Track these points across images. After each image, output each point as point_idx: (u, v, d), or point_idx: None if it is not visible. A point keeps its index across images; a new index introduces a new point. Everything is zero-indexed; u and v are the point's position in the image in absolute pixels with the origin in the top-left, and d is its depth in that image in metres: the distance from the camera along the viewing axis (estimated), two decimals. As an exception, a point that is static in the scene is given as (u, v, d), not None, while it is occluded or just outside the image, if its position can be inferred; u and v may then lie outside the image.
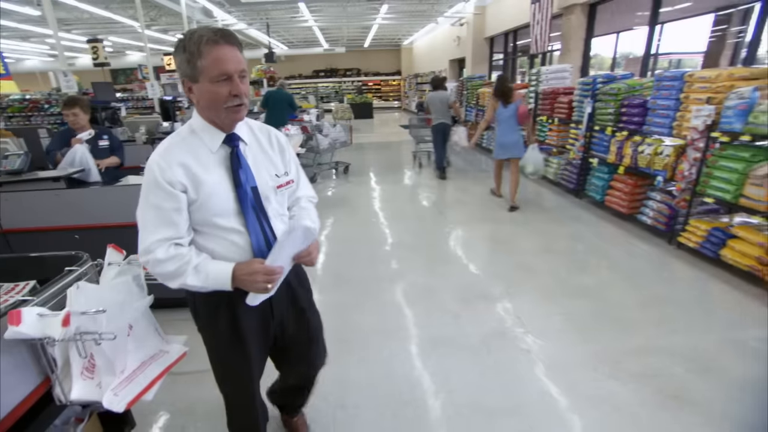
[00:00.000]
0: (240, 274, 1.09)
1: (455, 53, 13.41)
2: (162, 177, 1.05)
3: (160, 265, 1.07)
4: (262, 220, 1.17)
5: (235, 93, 1.05)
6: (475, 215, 4.82)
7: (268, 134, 1.27)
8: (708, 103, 3.21)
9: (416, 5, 10.31)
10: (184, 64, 1.03)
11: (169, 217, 1.07)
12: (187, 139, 1.12)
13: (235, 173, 1.13)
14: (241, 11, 9.72)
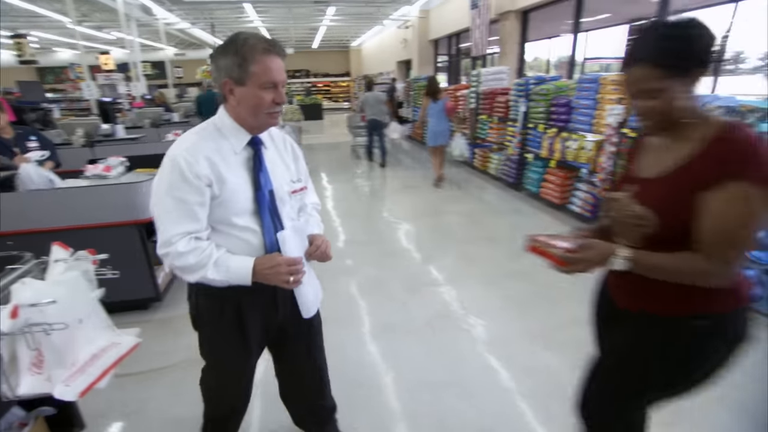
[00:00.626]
0: (261, 269, 1.12)
1: (402, 55, 13.75)
2: (189, 170, 1.06)
3: (181, 258, 1.09)
4: (277, 222, 1.21)
5: (278, 101, 1.11)
6: (418, 208, 5.05)
7: (283, 140, 1.31)
8: (619, 104, 3.63)
9: (362, 7, 10.48)
10: (233, 66, 1.05)
11: (193, 210, 1.08)
12: (213, 135, 1.15)
13: (256, 175, 1.17)
14: (184, 10, 9.37)
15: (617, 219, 1.05)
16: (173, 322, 2.63)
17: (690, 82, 0.90)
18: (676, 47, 0.87)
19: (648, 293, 1.01)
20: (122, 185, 2.41)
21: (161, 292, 2.70)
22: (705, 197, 0.88)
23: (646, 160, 1.06)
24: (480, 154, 6.66)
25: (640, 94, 0.92)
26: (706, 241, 0.89)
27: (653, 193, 0.97)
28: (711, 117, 0.95)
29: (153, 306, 2.75)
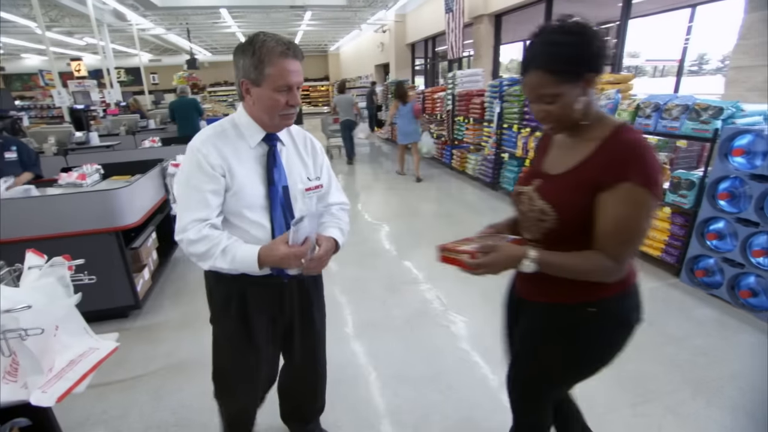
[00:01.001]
0: (265, 258, 1.12)
1: (380, 59, 13.86)
2: (205, 160, 1.12)
3: (192, 246, 1.13)
4: (289, 218, 1.23)
5: (292, 103, 1.13)
6: (399, 208, 5.11)
7: (304, 138, 1.33)
8: (587, 103, 3.78)
9: (339, 12, 10.53)
10: (250, 67, 1.08)
11: (206, 199, 1.13)
12: (228, 131, 1.19)
13: (270, 171, 1.19)
14: (159, 15, 9.23)
15: (523, 212, 1.09)
16: (153, 329, 2.61)
17: (584, 85, 0.93)
18: (566, 53, 0.90)
19: (543, 284, 1.05)
20: (99, 192, 2.38)
21: (140, 300, 2.68)
22: (601, 198, 0.93)
23: (553, 157, 1.10)
24: (458, 155, 6.78)
25: (538, 99, 0.96)
26: (603, 241, 0.94)
27: (554, 189, 1.01)
28: (606, 118, 1.00)
29: (132, 314, 2.72)
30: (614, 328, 1.06)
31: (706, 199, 2.82)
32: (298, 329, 1.40)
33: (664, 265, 3.20)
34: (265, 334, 1.34)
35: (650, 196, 0.90)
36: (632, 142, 0.92)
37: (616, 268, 0.95)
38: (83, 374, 1.27)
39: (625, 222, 0.91)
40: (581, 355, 1.08)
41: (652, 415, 1.83)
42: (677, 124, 2.96)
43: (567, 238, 0.98)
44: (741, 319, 2.59)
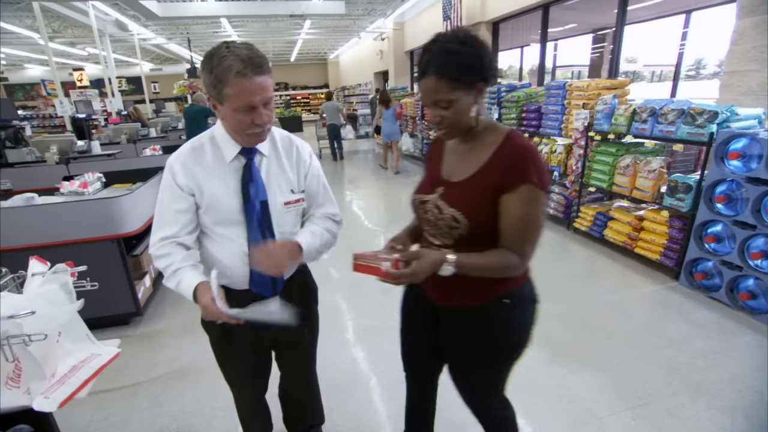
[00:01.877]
0: (198, 297, 1.07)
1: (379, 66, 13.95)
2: (174, 179, 1.12)
3: (155, 261, 1.14)
4: (267, 235, 1.18)
5: (257, 122, 1.06)
6: (394, 211, 5.14)
7: (290, 146, 1.25)
8: (584, 108, 3.82)
9: (338, 21, 10.64)
10: (210, 85, 1.03)
11: (174, 217, 1.13)
12: (205, 146, 1.16)
13: (245, 186, 1.14)
14: (160, 25, 9.33)
15: (431, 221, 1.11)
16: (154, 336, 2.62)
17: (476, 94, 0.99)
18: (461, 62, 0.95)
19: (459, 289, 1.10)
20: (100, 200, 2.41)
21: (142, 307, 2.69)
22: (503, 199, 1.00)
23: (450, 164, 1.14)
24: (458, 160, 6.81)
25: (433, 104, 1.00)
26: (509, 238, 1.01)
27: (460, 196, 1.05)
28: (496, 125, 1.07)
29: (134, 321, 2.74)
30: (527, 309, 1.17)
31: (704, 203, 2.83)
32: (284, 345, 1.37)
33: (663, 268, 3.21)
34: (248, 346, 1.30)
35: (544, 194, 1.00)
36: (526, 148, 1.01)
37: (522, 263, 1.03)
38: (85, 380, 1.29)
39: (528, 220, 1.00)
40: (513, 339, 1.17)
41: (652, 418, 1.83)
42: (673, 129, 2.99)
43: (477, 241, 1.03)
44: (740, 321, 2.59)
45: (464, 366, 1.24)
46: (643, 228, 3.34)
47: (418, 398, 1.50)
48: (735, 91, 3.37)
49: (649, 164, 3.22)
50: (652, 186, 3.19)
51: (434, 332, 1.27)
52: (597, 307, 2.79)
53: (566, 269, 3.47)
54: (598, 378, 2.10)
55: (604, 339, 2.44)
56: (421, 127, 8.32)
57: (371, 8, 9.61)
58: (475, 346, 1.18)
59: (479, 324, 1.15)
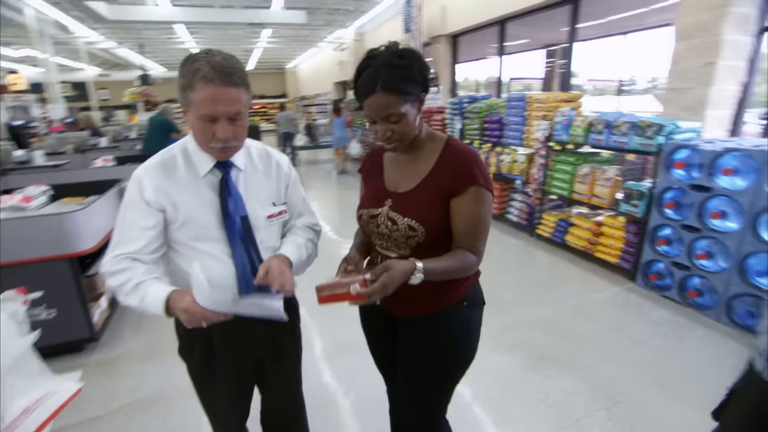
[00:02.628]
0: (173, 305, 0.96)
1: (339, 76, 13.97)
2: (141, 195, 1.03)
3: (110, 278, 1.02)
4: (252, 251, 1.11)
5: (219, 137, 0.98)
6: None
7: (267, 158, 1.20)
8: (544, 119, 4.01)
9: (298, 30, 10.56)
10: (180, 89, 0.97)
11: (140, 233, 1.03)
12: (177, 157, 1.08)
13: (224, 201, 1.07)
14: (109, 29, 8.75)
15: (385, 234, 1.11)
16: (113, 363, 2.42)
17: (419, 104, 1.03)
18: (406, 75, 0.97)
19: (426, 298, 1.11)
20: (52, 216, 2.20)
21: (97, 332, 2.48)
22: (454, 202, 1.04)
23: (393, 175, 1.16)
24: (422, 170, 6.93)
25: (384, 119, 1.00)
26: (463, 239, 1.05)
27: (412, 205, 1.07)
28: (434, 133, 1.12)
29: (88, 347, 2.51)
30: (479, 310, 1.21)
31: (655, 208, 3.05)
32: (270, 365, 1.28)
33: (622, 270, 3.40)
34: (232, 369, 1.21)
35: (490, 194, 1.06)
36: (468, 152, 1.06)
37: (477, 260, 1.08)
38: (41, 423, 1.15)
39: (479, 219, 1.05)
40: (471, 341, 1.20)
41: (625, 417, 1.92)
42: (626, 140, 3.20)
43: (433, 246, 1.06)
44: (691, 317, 2.80)
45: (417, 376, 1.21)
46: (602, 233, 3.54)
47: (397, 404, 1.47)
48: (676, 106, 3.67)
49: (605, 173, 3.42)
50: (608, 193, 3.39)
51: (395, 341, 1.26)
52: (564, 311, 2.91)
53: (532, 276, 3.59)
54: (573, 381, 2.17)
55: (574, 342, 2.54)
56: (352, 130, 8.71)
57: (331, 19, 9.63)
58: (433, 354, 1.17)
59: (442, 328, 1.15)
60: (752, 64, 3.40)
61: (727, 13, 3.17)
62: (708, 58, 3.31)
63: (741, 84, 3.45)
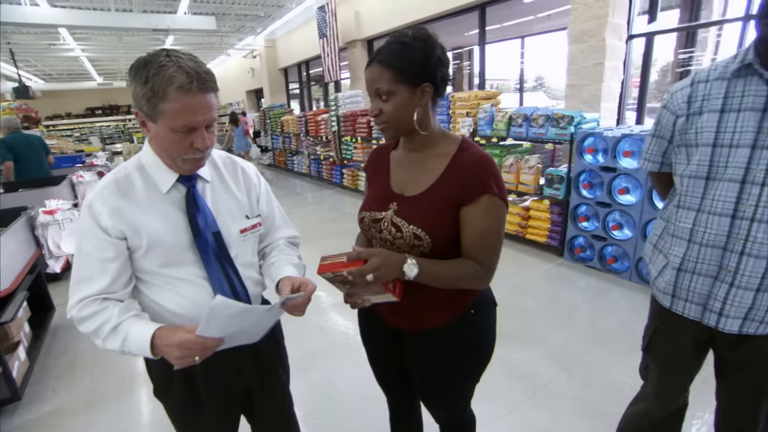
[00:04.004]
0: (160, 343, 0.87)
1: (251, 84, 13.45)
2: (96, 222, 0.90)
3: (81, 324, 0.91)
4: (228, 270, 1.03)
5: (198, 146, 0.91)
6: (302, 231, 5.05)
7: (233, 167, 1.11)
8: (467, 116, 4.31)
9: (205, 37, 9.93)
10: (142, 98, 0.86)
11: (102, 267, 0.91)
12: (132, 176, 0.96)
13: (192, 218, 0.97)
14: None
15: (389, 240, 1.05)
16: (45, 422, 2.06)
17: (420, 95, 0.96)
18: (406, 53, 0.93)
19: (432, 311, 1.08)
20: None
21: (19, 388, 2.11)
22: (465, 212, 0.97)
23: (400, 177, 1.09)
24: (349, 173, 6.97)
25: (374, 93, 0.97)
26: (473, 251, 0.98)
27: (419, 211, 1.00)
28: (448, 134, 1.05)
29: (7, 409, 2.11)
30: (491, 314, 1.17)
31: (574, 190, 3.47)
32: (258, 392, 1.18)
33: (551, 248, 3.81)
34: (218, 403, 1.11)
35: (504, 204, 0.99)
36: (483, 157, 0.98)
37: (488, 275, 1.01)
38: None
39: (491, 231, 0.98)
40: (485, 344, 1.16)
41: (581, 374, 2.17)
42: (543, 131, 3.59)
43: (440, 257, 0.99)
44: (611, 281, 3.24)
45: (438, 384, 1.18)
46: (530, 216, 3.92)
47: (401, 414, 1.47)
48: (575, 100, 4.19)
49: (528, 162, 3.80)
50: (533, 180, 3.77)
51: (399, 353, 1.23)
52: (508, 291, 3.16)
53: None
54: (533, 351, 2.39)
55: (524, 317, 2.78)
56: (307, 143, 8.32)
57: (240, 25, 9.22)
58: (448, 363, 1.13)
59: (450, 340, 1.11)
60: (626, 65, 4.04)
61: (606, 22, 3.72)
62: (597, 59, 3.85)
63: (621, 81, 4.07)
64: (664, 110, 1.13)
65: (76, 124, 17.21)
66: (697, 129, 1.04)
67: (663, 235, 1.21)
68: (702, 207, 1.06)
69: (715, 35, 4.23)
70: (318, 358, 2.47)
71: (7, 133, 4.75)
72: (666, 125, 1.13)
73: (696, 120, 1.04)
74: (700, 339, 1.17)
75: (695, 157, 1.05)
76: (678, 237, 1.13)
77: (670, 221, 1.17)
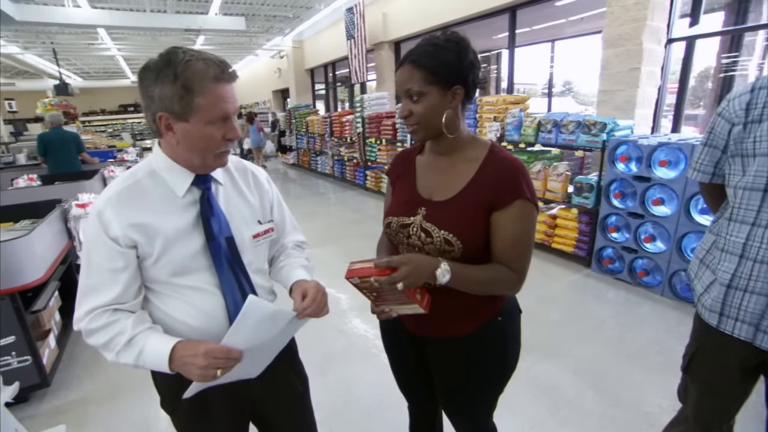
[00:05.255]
0: (182, 355, 0.85)
1: (278, 84, 13.66)
2: (105, 231, 0.87)
3: (91, 336, 0.89)
4: (241, 277, 0.99)
5: (230, 137, 0.90)
6: (322, 233, 5.05)
7: (245, 172, 1.08)
8: (495, 121, 4.23)
9: (234, 37, 10.15)
10: (173, 97, 0.83)
11: (112, 277, 0.89)
12: (143, 181, 0.92)
13: (207, 222, 0.94)
14: (11, 31, 7.63)
15: (417, 246, 1.03)
16: (70, 410, 2.12)
17: (451, 98, 0.95)
18: (438, 54, 0.92)
19: (458, 317, 1.06)
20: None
21: (48, 374, 2.17)
22: (496, 217, 0.96)
23: (428, 181, 1.07)
24: (372, 175, 6.97)
25: (405, 94, 0.96)
26: (504, 256, 0.97)
27: (449, 216, 0.99)
28: (477, 138, 1.04)
29: (36, 395, 2.18)
30: (516, 321, 1.15)
31: (604, 199, 3.34)
32: (270, 402, 1.13)
33: (577, 258, 3.68)
34: (228, 411, 1.07)
35: (536, 209, 0.98)
36: (514, 162, 0.97)
37: (519, 280, 0.99)
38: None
39: (523, 236, 0.97)
40: (510, 353, 1.13)
41: (609, 391, 2.07)
42: (574, 137, 3.48)
43: (470, 261, 0.98)
44: (641, 295, 3.10)
45: (462, 392, 1.16)
46: (557, 225, 3.80)
47: (422, 423, 1.44)
48: (608, 106, 4.05)
49: (556, 168, 3.69)
50: (561, 187, 3.66)
51: (422, 360, 1.20)
52: (532, 300, 3.07)
53: (497, 269, 3.76)
54: (557, 365, 2.30)
55: (548, 329, 2.69)
56: (331, 144, 8.37)
57: (269, 26, 9.38)
58: (473, 370, 1.11)
59: (476, 347, 1.09)
60: (663, 70, 3.88)
61: (645, 25, 3.58)
62: (633, 64, 3.71)
63: (657, 87, 3.91)
64: (719, 118, 1.06)
65: (109, 120, 17.93)
66: (755, 138, 0.97)
67: (711, 249, 1.14)
68: (758, 221, 0.99)
69: (764, 39, 4.01)
70: (336, 360, 2.45)
71: (50, 128, 5.01)
72: (720, 134, 1.06)
73: (755, 128, 0.97)
74: (750, 363, 1.09)
75: (752, 167, 0.98)
76: (729, 252, 1.06)
77: (720, 235, 1.10)
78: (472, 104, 4.59)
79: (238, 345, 0.85)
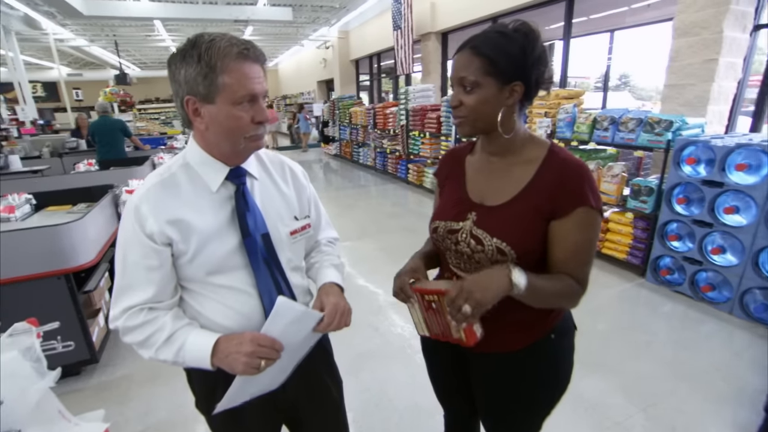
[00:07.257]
0: (227, 346, 0.84)
1: (323, 75, 13.79)
2: (140, 228, 0.84)
3: (128, 334, 0.88)
4: (277, 275, 0.95)
5: (259, 119, 0.86)
6: (362, 226, 5.02)
7: (281, 166, 1.05)
8: (546, 116, 3.99)
9: (281, 28, 10.32)
10: (197, 77, 0.80)
11: (147, 276, 0.86)
12: (177, 176, 0.90)
13: (242, 218, 0.90)
14: (80, 25, 8.22)
15: (466, 254, 0.95)
16: (116, 386, 2.23)
17: (509, 94, 0.87)
18: (503, 43, 0.84)
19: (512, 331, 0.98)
20: (45, 228, 2.00)
21: (97, 351, 2.29)
22: (557, 225, 0.88)
23: (479, 184, 0.99)
24: (414, 169, 6.85)
25: (459, 81, 0.89)
26: (566, 266, 0.89)
27: (503, 223, 0.91)
28: (536, 138, 0.95)
29: (86, 370, 2.32)
30: (571, 338, 1.07)
31: (665, 204, 3.06)
32: (305, 405, 1.10)
33: (630, 266, 3.41)
34: (263, 418, 1.06)
35: (600, 215, 0.90)
36: (578, 164, 0.89)
37: (582, 291, 0.92)
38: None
39: (586, 245, 0.89)
40: (562, 373, 1.05)
41: (663, 417, 1.89)
42: (633, 136, 3.20)
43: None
44: (704, 311, 2.82)
45: (508, 412, 1.08)
46: (609, 229, 3.54)
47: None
48: (674, 102, 3.70)
49: (611, 169, 3.42)
50: (616, 189, 3.39)
51: (463, 370, 1.13)
52: (580, 310, 2.86)
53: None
54: (605, 381, 2.13)
55: (596, 341, 2.51)
56: (374, 136, 8.31)
57: (316, 16, 9.44)
58: (522, 390, 1.03)
59: (527, 365, 1.01)
60: (746, 61, 3.47)
61: (728, 11, 3.20)
62: (709, 55, 3.35)
63: (737, 81, 3.51)
64: None
65: (163, 108, 18.88)
66: None
67: None
68: None
69: None
70: (370, 359, 2.41)
71: (99, 116, 5.33)
72: None
73: None
74: None
75: None
76: None
77: None
78: (523, 98, 4.37)
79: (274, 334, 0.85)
